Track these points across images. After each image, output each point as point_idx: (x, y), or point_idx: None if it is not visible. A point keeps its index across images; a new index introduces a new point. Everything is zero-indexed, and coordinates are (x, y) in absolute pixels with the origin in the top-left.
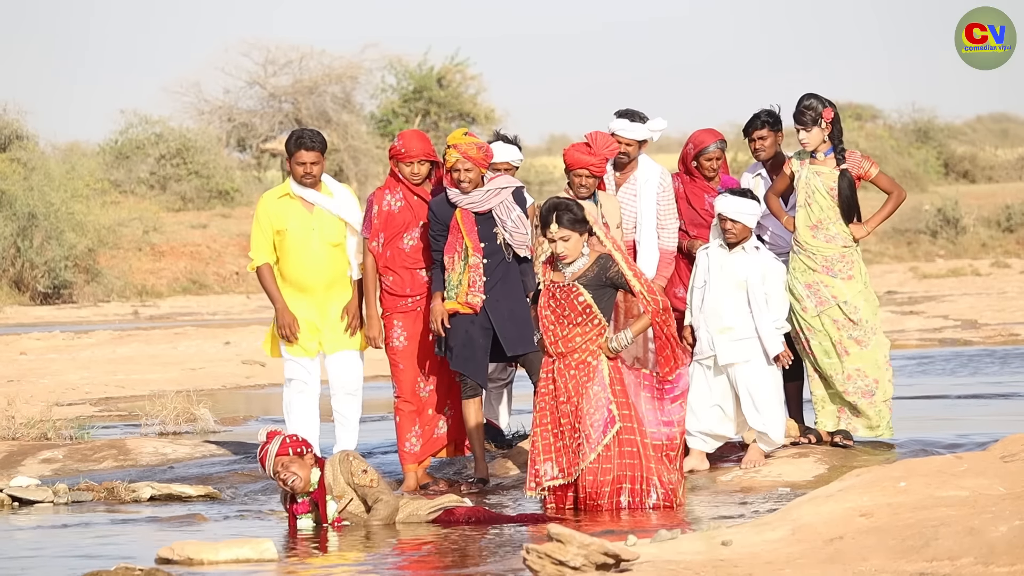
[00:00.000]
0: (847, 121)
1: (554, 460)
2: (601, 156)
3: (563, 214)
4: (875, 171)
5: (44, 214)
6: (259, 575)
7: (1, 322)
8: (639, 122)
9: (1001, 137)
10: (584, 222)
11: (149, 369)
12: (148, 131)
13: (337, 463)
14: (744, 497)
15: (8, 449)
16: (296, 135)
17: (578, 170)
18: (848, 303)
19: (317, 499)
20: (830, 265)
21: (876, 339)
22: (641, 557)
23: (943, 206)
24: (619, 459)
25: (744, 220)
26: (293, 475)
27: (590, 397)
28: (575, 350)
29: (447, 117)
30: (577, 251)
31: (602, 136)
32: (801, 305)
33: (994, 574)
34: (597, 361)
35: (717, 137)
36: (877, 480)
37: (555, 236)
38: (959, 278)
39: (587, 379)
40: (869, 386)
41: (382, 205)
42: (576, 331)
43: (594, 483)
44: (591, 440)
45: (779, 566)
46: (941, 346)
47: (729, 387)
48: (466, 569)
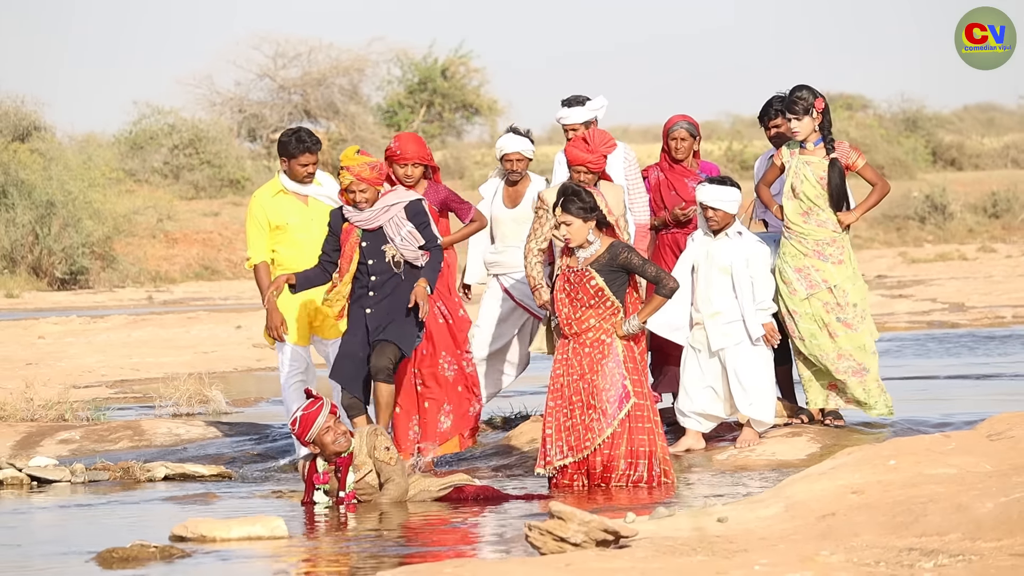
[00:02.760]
0: (838, 111)
1: (564, 440)
2: (599, 153)
3: (570, 200)
4: (862, 162)
5: (62, 202)
6: (270, 552)
7: (20, 307)
8: (579, 106)
9: (987, 126)
10: (591, 210)
11: (163, 352)
12: (162, 122)
13: (365, 435)
14: (739, 475)
15: (27, 430)
16: (296, 138)
17: (577, 166)
18: (838, 287)
19: (342, 465)
20: (821, 249)
21: (865, 324)
22: (639, 534)
23: (931, 193)
24: (634, 435)
25: (725, 207)
26: (341, 435)
27: (605, 374)
28: (589, 330)
29: (451, 108)
30: (581, 237)
31: (599, 133)
32: (789, 288)
33: (981, 549)
34: (611, 339)
35: (686, 119)
36: (868, 458)
37: (560, 220)
38: (947, 263)
39: (602, 356)
40: (857, 367)
41: None
42: (589, 312)
43: (609, 457)
44: (607, 415)
45: (773, 542)
46: (929, 328)
47: (721, 369)
48: (471, 546)
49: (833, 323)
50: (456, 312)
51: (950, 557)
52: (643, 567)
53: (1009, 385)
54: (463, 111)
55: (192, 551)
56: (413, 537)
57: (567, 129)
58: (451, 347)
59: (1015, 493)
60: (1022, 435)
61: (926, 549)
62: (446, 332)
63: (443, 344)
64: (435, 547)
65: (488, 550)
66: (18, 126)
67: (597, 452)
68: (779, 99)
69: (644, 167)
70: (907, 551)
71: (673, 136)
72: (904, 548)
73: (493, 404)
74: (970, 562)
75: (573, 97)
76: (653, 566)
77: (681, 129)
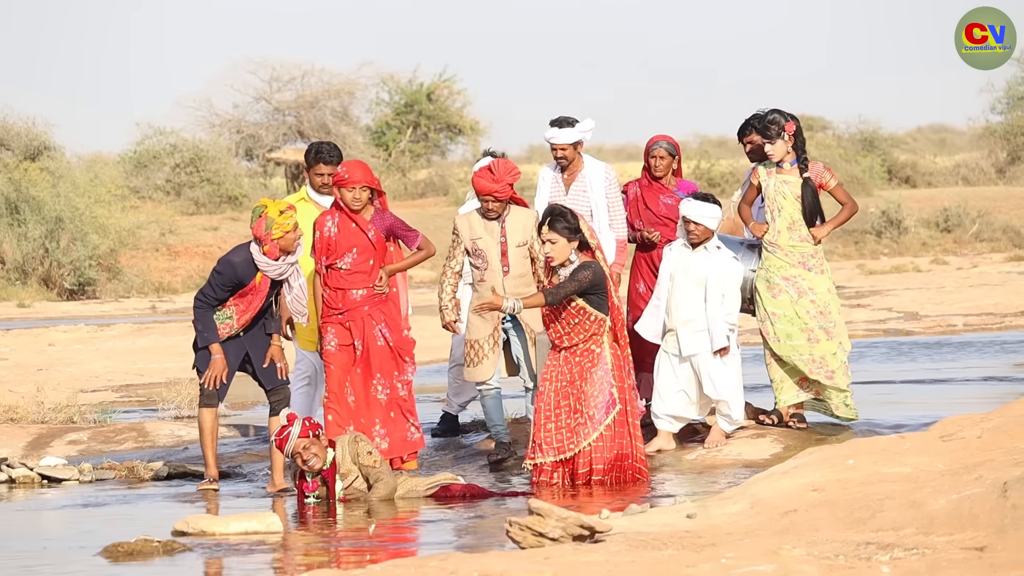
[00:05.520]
0: None
1: (544, 440)
2: (503, 182)
3: (556, 219)
4: (834, 183)
5: (70, 218)
6: (266, 546)
7: (31, 316)
8: (568, 127)
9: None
10: (575, 231)
11: (166, 359)
12: (164, 142)
13: (347, 443)
14: (707, 474)
15: (38, 432)
16: (315, 148)
17: (485, 196)
18: (819, 296)
19: (328, 477)
20: (805, 261)
21: (839, 333)
22: (613, 529)
23: (887, 209)
24: (618, 439)
25: (706, 223)
26: (313, 455)
27: (594, 381)
28: (578, 344)
29: (436, 129)
30: (564, 256)
31: (504, 164)
32: (772, 292)
33: (934, 543)
34: (600, 348)
35: (667, 139)
36: (828, 458)
37: (544, 237)
38: (902, 274)
39: (592, 365)
40: (829, 372)
41: (323, 231)
42: (576, 327)
43: (593, 459)
44: (594, 420)
45: (739, 536)
46: (885, 336)
47: (693, 374)
48: (459, 540)
49: (816, 329)
50: (399, 335)
51: (905, 551)
52: (616, 560)
53: (960, 389)
54: (447, 131)
55: (193, 545)
56: (401, 532)
57: (555, 148)
58: (388, 371)
59: (966, 491)
60: (972, 436)
61: (883, 543)
62: (387, 355)
63: (379, 366)
64: (421, 542)
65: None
66: (29, 146)
67: (582, 454)
68: (756, 117)
69: (624, 183)
70: (864, 545)
71: (653, 155)
72: (862, 542)
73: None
74: (924, 555)
75: (563, 118)
76: (626, 559)
77: (660, 148)
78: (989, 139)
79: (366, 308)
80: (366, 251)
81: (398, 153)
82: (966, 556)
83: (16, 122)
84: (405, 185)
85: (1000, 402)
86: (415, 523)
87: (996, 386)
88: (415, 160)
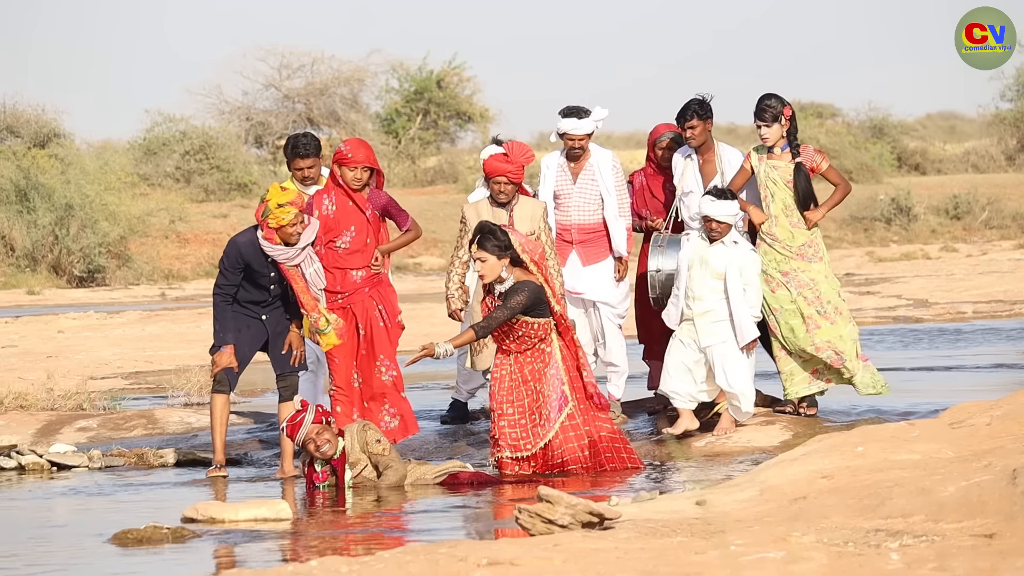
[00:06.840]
0: (809, 119)
1: (507, 439)
2: (518, 164)
3: (485, 238)
4: (825, 165)
5: (80, 205)
6: (275, 533)
7: (41, 303)
8: (586, 117)
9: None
10: (505, 248)
11: (175, 346)
12: (173, 129)
13: (355, 432)
14: (716, 461)
15: (47, 419)
16: (292, 144)
17: (497, 177)
18: (817, 283)
19: (337, 465)
20: (803, 251)
21: (841, 318)
22: (623, 516)
23: (896, 196)
24: (584, 427)
25: (728, 221)
26: (326, 442)
27: (548, 380)
28: (527, 348)
29: (446, 116)
30: (494, 273)
31: (518, 145)
32: (770, 287)
33: (943, 530)
34: (550, 348)
35: (671, 129)
36: (837, 445)
37: (474, 256)
38: (911, 261)
39: (544, 364)
40: (836, 356)
41: (321, 209)
42: (522, 337)
43: (554, 455)
44: (550, 420)
45: (748, 523)
46: (895, 323)
47: (703, 358)
48: (465, 526)
49: (815, 316)
50: (394, 320)
51: (914, 538)
52: (626, 547)
53: (970, 376)
54: (457, 119)
55: (202, 532)
56: (411, 520)
57: (571, 139)
58: (389, 351)
59: (975, 478)
60: (982, 423)
61: (892, 530)
62: (385, 336)
63: (381, 347)
64: (430, 529)
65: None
66: (39, 133)
67: (549, 447)
68: (697, 102)
69: (630, 172)
70: (874, 532)
71: (659, 146)
72: (871, 529)
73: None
74: (933, 542)
75: (577, 108)
76: (635, 546)
77: (667, 139)
78: (999, 126)
79: (366, 290)
80: (363, 230)
81: (408, 140)
82: (975, 543)
83: (26, 109)
84: (415, 172)
85: (1009, 389)
86: (424, 510)
87: (1006, 373)
88: (425, 147)
